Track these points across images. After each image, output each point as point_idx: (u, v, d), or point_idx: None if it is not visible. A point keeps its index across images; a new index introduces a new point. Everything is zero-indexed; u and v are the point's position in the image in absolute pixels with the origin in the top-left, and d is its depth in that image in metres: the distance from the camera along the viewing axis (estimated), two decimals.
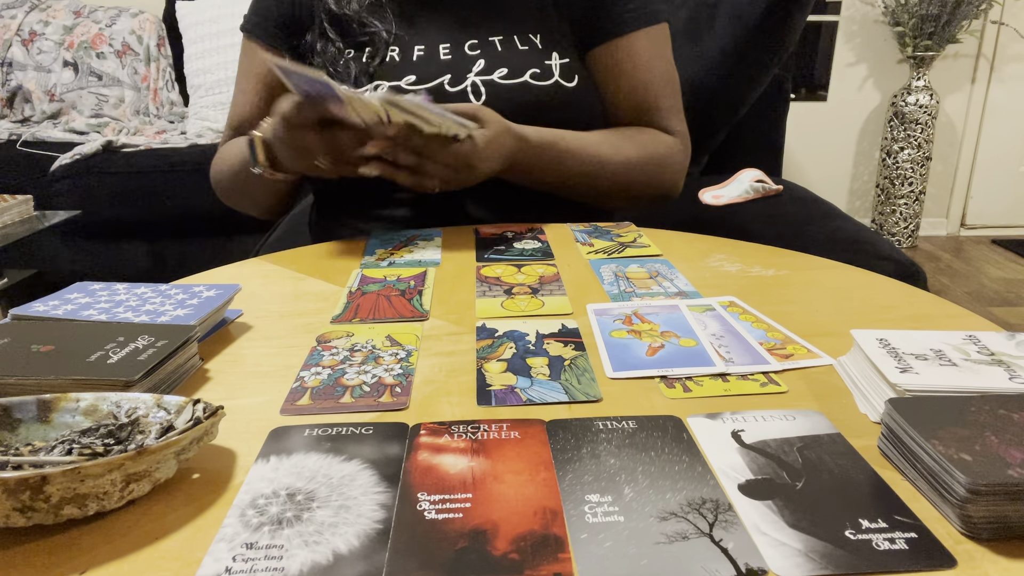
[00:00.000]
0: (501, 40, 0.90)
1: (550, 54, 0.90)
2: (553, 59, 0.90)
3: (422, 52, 0.90)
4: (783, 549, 0.35)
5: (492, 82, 0.88)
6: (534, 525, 0.36)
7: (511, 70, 0.88)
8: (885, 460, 0.42)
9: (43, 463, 0.38)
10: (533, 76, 0.88)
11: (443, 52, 0.90)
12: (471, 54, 0.90)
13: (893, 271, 0.97)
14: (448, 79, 0.88)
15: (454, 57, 0.90)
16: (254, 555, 0.35)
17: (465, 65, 0.89)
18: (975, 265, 2.89)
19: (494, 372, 0.52)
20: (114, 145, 2.06)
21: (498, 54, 0.89)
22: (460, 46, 0.90)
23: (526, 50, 0.90)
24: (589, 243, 0.82)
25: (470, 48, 0.90)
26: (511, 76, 0.88)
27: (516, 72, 0.88)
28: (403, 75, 0.89)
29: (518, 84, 0.88)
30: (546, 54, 0.90)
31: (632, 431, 0.45)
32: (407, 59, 0.90)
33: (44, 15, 2.46)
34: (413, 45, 0.91)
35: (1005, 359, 0.47)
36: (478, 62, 0.89)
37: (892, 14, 2.87)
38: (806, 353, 0.55)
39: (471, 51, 0.90)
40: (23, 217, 1.70)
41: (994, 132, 3.15)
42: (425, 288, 0.69)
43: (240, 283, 0.65)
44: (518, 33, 0.91)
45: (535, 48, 0.90)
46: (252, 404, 0.49)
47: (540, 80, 0.88)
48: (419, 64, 0.90)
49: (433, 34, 0.91)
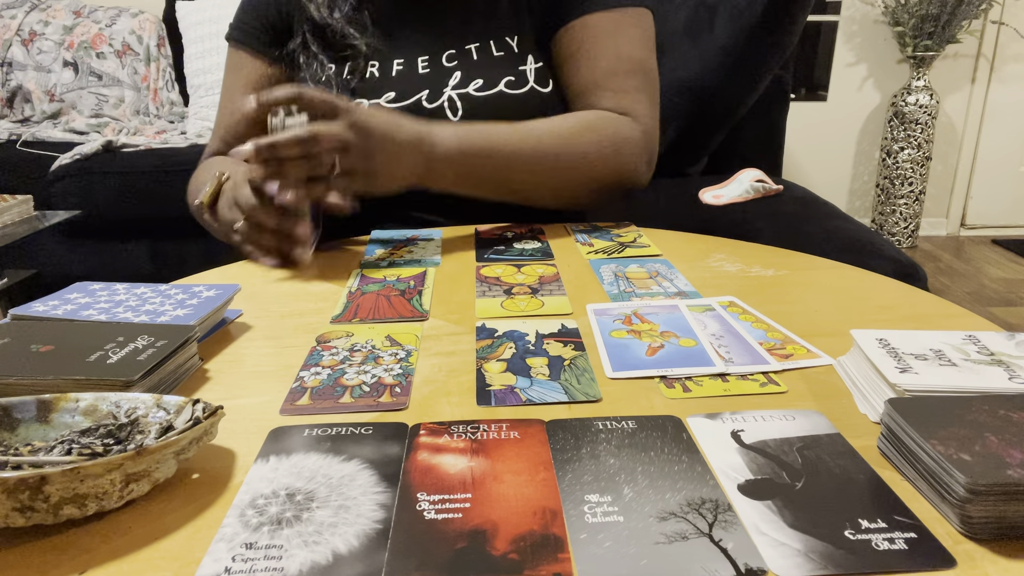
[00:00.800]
0: (478, 47, 0.90)
1: (525, 58, 0.90)
2: (528, 63, 0.90)
3: (401, 67, 0.90)
4: (783, 549, 0.35)
5: (467, 95, 0.88)
6: (533, 525, 0.36)
7: (486, 80, 0.88)
8: (885, 460, 0.42)
9: (42, 463, 0.38)
10: (508, 84, 0.88)
11: (421, 65, 0.90)
12: (448, 66, 0.90)
13: (893, 271, 0.97)
14: (426, 95, 0.89)
15: (432, 70, 0.90)
16: (253, 555, 0.35)
17: (441, 79, 0.89)
18: (975, 265, 2.89)
19: (494, 372, 0.52)
20: (114, 145, 2.06)
21: (474, 63, 0.89)
22: (438, 57, 0.90)
23: (501, 56, 0.90)
24: (589, 243, 0.82)
25: (447, 59, 0.90)
26: (486, 87, 0.88)
27: (491, 82, 0.88)
28: (383, 92, 0.89)
29: (494, 95, 0.88)
30: (521, 58, 0.90)
31: (632, 431, 0.45)
32: (386, 74, 0.90)
33: (44, 15, 2.46)
34: (392, 59, 0.91)
35: (1005, 359, 0.47)
36: (454, 75, 0.89)
37: (892, 14, 2.87)
38: (806, 353, 0.55)
39: (448, 62, 0.90)
40: (23, 217, 1.70)
41: (994, 132, 3.15)
42: (425, 288, 0.69)
43: (240, 283, 0.65)
44: (494, 38, 0.91)
45: (511, 53, 0.90)
46: (252, 404, 0.49)
47: (515, 88, 0.88)
48: (398, 80, 0.90)
49: (412, 46, 0.91)
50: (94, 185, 1.99)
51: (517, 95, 0.88)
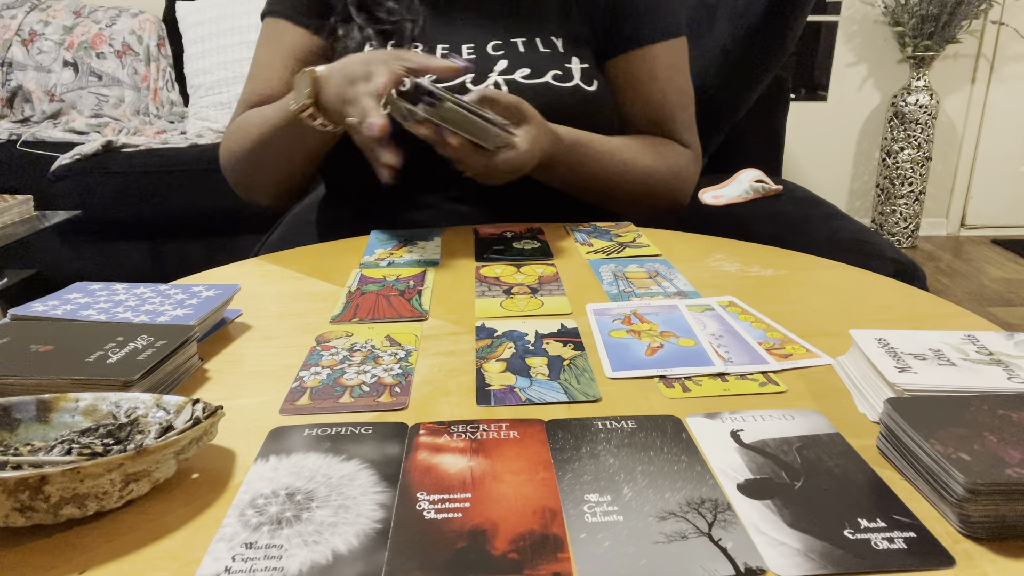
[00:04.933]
0: (524, 42, 0.91)
1: (570, 58, 0.91)
2: (574, 63, 0.90)
3: (445, 51, 0.90)
4: (782, 548, 0.35)
5: (514, 81, 0.88)
6: (533, 525, 0.36)
7: (533, 70, 0.89)
8: (884, 460, 0.42)
9: (42, 463, 0.38)
10: (555, 77, 0.89)
11: (466, 52, 0.90)
12: (494, 54, 0.90)
13: (893, 271, 0.97)
14: (470, 78, 0.88)
15: (477, 56, 0.90)
16: (253, 555, 0.35)
17: (487, 64, 0.89)
18: (975, 265, 2.89)
19: (493, 372, 0.52)
20: (114, 145, 2.06)
21: (520, 55, 0.90)
22: (483, 47, 0.90)
23: (548, 52, 0.90)
24: (588, 243, 0.82)
25: (493, 48, 0.90)
26: (533, 76, 0.88)
27: (538, 72, 0.89)
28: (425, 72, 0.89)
29: (540, 84, 0.88)
30: (567, 58, 0.90)
31: (631, 431, 0.45)
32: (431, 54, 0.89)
33: (44, 15, 2.46)
34: (436, 43, 0.91)
35: (1004, 359, 0.47)
36: (500, 62, 0.89)
37: (892, 14, 2.87)
38: (805, 353, 0.55)
39: (494, 51, 0.90)
40: (23, 217, 1.70)
41: (994, 132, 3.15)
42: (424, 288, 0.69)
43: (239, 283, 0.65)
44: (540, 36, 0.91)
45: (556, 51, 0.91)
46: (251, 404, 0.49)
47: (561, 82, 0.89)
48: None
49: (455, 33, 0.91)
50: (94, 185, 1.99)
51: (564, 88, 0.89)
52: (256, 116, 0.89)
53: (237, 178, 0.95)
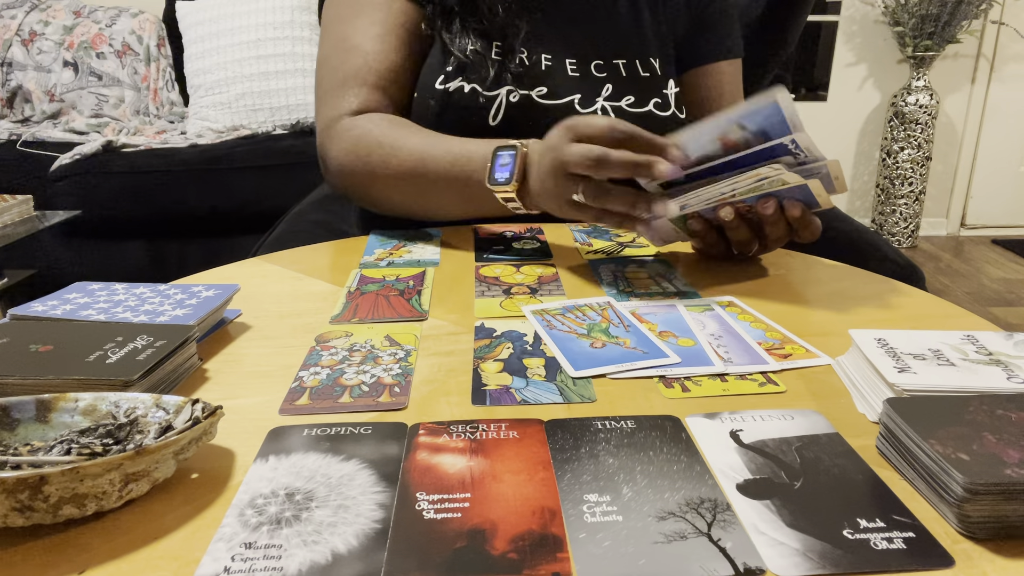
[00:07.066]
0: (625, 64, 0.89)
1: (667, 81, 0.91)
2: (670, 87, 0.90)
3: (549, 62, 0.87)
4: (781, 548, 0.35)
5: (621, 109, 0.87)
6: (532, 525, 0.36)
7: (637, 99, 0.88)
8: (883, 460, 0.42)
9: (42, 463, 0.38)
10: (656, 106, 0.89)
11: (570, 67, 0.88)
12: (598, 75, 0.88)
13: (893, 271, 0.97)
14: (579, 99, 0.86)
15: (581, 76, 0.88)
16: (253, 555, 0.35)
17: (594, 87, 0.88)
18: (975, 265, 2.90)
19: (490, 372, 0.52)
20: (114, 145, 2.06)
21: (623, 79, 0.89)
22: (586, 64, 0.88)
23: (647, 77, 0.90)
24: (588, 243, 0.83)
25: (596, 69, 0.88)
26: (637, 104, 0.88)
27: (641, 101, 0.88)
28: (535, 85, 0.85)
29: (644, 114, 0.88)
30: (664, 81, 0.90)
31: (631, 431, 0.45)
32: (536, 65, 0.86)
33: (44, 15, 2.46)
34: (540, 52, 0.87)
35: (1003, 359, 0.47)
36: (606, 86, 0.88)
37: (892, 14, 2.87)
38: (804, 353, 0.55)
39: (598, 72, 0.88)
40: (23, 217, 1.70)
41: (994, 132, 3.16)
42: (424, 288, 0.69)
43: (239, 283, 0.65)
44: (640, 57, 0.90)
45: (655, 75, 0.90)
46: (251, 404, 0.49)
47: (661, 110, 0.89)
48: (548, 75, 0.86)
49: (557, 43, 0.88)
50: (94, 185, 1.99)
51: (663, 117, 0.89)
52: (416, 145, 0.79)
53: (359, 192, 0.86)
